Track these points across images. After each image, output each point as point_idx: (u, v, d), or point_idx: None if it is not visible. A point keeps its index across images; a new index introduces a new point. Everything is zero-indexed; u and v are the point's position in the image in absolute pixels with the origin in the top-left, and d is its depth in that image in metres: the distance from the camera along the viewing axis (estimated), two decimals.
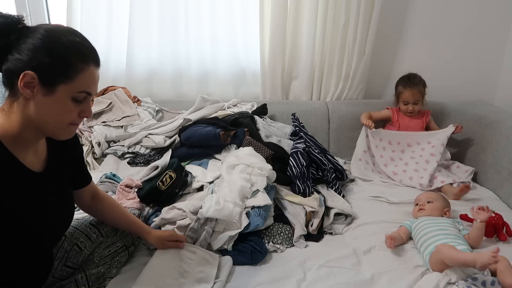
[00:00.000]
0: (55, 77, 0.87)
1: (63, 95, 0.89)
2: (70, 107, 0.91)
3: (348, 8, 2.24)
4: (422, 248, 1.41)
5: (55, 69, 0.87)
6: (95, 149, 1.99)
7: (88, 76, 0.91)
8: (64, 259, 1.18)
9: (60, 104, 0.90)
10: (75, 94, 0.90)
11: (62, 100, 0.89)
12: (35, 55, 0.85)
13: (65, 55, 0.88)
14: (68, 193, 1.12)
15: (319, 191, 1.77)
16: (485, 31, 2.44)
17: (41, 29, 0.88)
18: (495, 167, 1.97)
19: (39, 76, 0.86)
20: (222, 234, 1.42)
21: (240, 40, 2.40)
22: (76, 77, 0.89)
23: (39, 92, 0.87)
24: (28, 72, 0.85)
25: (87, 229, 1.25)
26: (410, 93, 2.15)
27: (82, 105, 0.94)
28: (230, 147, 1.92)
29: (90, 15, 2.30)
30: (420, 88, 2.16)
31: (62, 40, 0.88)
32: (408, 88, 2.15)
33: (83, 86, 0.91)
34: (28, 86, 0.86)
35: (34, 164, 0.97)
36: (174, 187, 1.59)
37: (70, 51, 0.89)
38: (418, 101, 2.16)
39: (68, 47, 0.89)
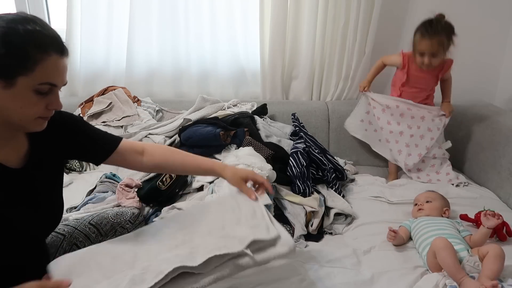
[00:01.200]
0: (13, 69, 0.82)
1: (24, 88, 0.84)
2: (33, 100, 0.86)
3: (348, 8, 2.24)
4: (420, 248, 1.41)
5: (12, 60, 0.81)
6: None
7: (49, 66, 0.85)
8: None
9: (22, 97, 0.84)
10: (36, 86, 0.85)
11: (23, 93, 0.84)
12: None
13: (22, 46, 0.82)
14: (53, 188, 1.07)
15: (319, 191, 1.77)
16: (485, 31, 2.44)
17: (2, 18, 0.83)
18: (495, 167, 1.97)
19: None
20: None
21: (240, 40, 2.40)
22: (35, 68, 0.83)
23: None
24: None
25: (86, 228, 1.25)
26: (427, 43, 1.79)
27: (49, 97, 0.88)
28: (230, 147, 1.92)
29: (90, 15, 2.30)
30: (441, 38, 1.78)
31: (19, 29, 0.82)
32: (427, 37, 1.79)
33: (45, 77, 0.85)
34: None
35: (11, 160, 0.94)
36: (174, 187, 1.60)
37: (27, 41, 0.83)
38: (436, 53, 1.81)
39: (25, 36, 0.83)
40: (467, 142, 2.23)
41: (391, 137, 2.08)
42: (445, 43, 1.82)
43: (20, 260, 0.99)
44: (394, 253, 1.45)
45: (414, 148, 2.03)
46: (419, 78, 1.98)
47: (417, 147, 2.02)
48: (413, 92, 2.04)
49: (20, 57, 0.82)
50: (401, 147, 2.05)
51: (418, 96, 2.04)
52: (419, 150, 2.03)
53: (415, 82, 2.00)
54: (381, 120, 2.10)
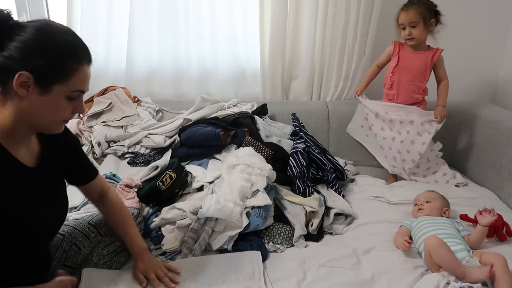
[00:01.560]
0: (51, 78, 0.88)
1: (58, 95, 0.90)
2: (64, 105, 0.92)
3: (348, 8, 2.24)
4: (420, 248, 1.42)
5: (50, 70, 0.87)
6: (95, 149, 1.99)
7: (82, 75, 0.92)
8: (63, 259, 1.18)
9: (55, 103, 0.91)
10: (69, 93, 0.92)
11: (57, 99, 0.90)
12: (29, 56, 0.85)
13: (60, 56, 0.88)
14: (61, 188, 1.12)
15: (319, 191, 1.77)
16: (485, 31, 2.44)
17: (32, 27, 0.87)
18: (495, 167, 1.97)
19: (34, 76, 0.86)
20: (222, 234, 1.43)
21: (240, 40, 2.40)
22: (71, 77, 0.90)
23: (34, 91, 0.88)
24: (23, 73, 0.85)
25: (86, 228, 1.25)
26: (404, 14, 1.87)
27: (75, 102, 0.95)
28: (230, 147, 1.92)
29: (90, 15, 2.30)
30: (420, 9, 1.84)
31: (55, 40, 0.88)
32: (404, 8, 1.88)
33: (78, 85, 0.92)
34: (23, 86, 0.86)
35: (27, 159, 0.98)
36: (174, 187, 1.59)
37: (65, 52, 0.89)
38: (415, 22, 1.86)
39: (63, 47, 0.89)
40: (467, 142, 2.23)
41: (385, 144, 2.09)
42: (424, 14, 1.86)
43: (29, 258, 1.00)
44: (394, 253, 1.45)
45: (406, 154, 2.01)
46: (410, 60, 1.96)
47: (409, 153, 2.01)
48: (405, 81, 1.97)
49: (59, 67, 0.88)
50: (395, 153, 2.05)
51: (410, 87, 1.97)
52: (411, 156, 2.01)
53: (406, 64, 1.96)
54: (374, 127, 2.11)
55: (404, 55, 1.98)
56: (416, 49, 1.96)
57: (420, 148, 1.98)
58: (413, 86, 1.98)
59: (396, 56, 1.99)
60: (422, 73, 1.96)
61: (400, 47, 2.00)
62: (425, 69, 1.95)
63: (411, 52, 1.97)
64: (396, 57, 1.99)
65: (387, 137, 2.06)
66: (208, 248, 1.43)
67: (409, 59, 1.96)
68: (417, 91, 1.99)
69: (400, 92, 2.00)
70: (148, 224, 1.49)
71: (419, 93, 1.99)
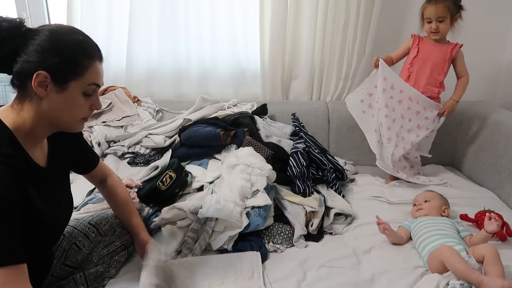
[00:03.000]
0: (66, 75, 0.93)
1: (75, 91, 0.95)
2: (81, 101, 0.97)
3: (348, 8, 2.24)
4: (420, 248, 1.42)
5: (65, 67, 0.92)
6: (95, 149, 1.99)
7: (95, 71, 0.97)
8: (63, 258, 1.18)
9: (73, 99, 0.95)
10: (85, 88, 0.96)
11: (74, 95, 0.95)
12: (45, 56, 0.90)
13: (73, 54, 0.93)
14: (67, 186, 1.15)
15: (319, 191, 1.77)
16: (485, 31, 2.44)
17: (45, 30, 0.92)
18: (495, 167, 1.97)
19: (51, 75, 0.90)
20: (222, 234, 1.43)
21: (240, 40, 2.40)
22: (84, 73, 0.95)
23: (52, 90, 0.92)
24: (40, 72, 0.89)
25: (86, 228, 1.25)
26: (433, 8, 1.86)
27: (92, 99, 0.99)
28: (230, 147, 1.92)
29: (90, 15, 2.30)
30: (449, 3, 1.84)
31: (67, 39, 0.93)
32: (433, 2, 1.86)
33: (92, 79, 0.97)
34: (41, 85, 0.91)
35: (40, 160, 1.00)
36: (174, 187, 1.59)
37: (77, 50, 0.94)
38: (443, 17, 1.86)
39: (75, 46, 0.94)
40: (467, 142, 2.23)
41: (385, 121, 1.98)
42: (452, 9, 1.86)
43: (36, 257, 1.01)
44: (394, 253, 1.45)
45: (401, 140, 1.99)
46: (430, 51, 1.96)
47: (403, 140, 1.99)
48: (423, 72, 1.97)
49: (73, 64, 0.93)
50: (392, 134, 1.99)
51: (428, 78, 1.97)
52: (404, 144, 1.99)
53: (426, 55, 1.96)
54: (380, 101, 2.00)
55: (424, 46, 1.98)
56: (436, 41, 1.97)
57: (414, 138, 1.98)
58: (431, 78, 1.97)
59: (416, 47, 1.99)
60: (441, 65, 1.96)
61: (420, 40, 2.00)
62: (444, 61, 1.95)
63: (431, 44, 1.97)
64: (416, 48, 1.99)
65: (389, 115, 1.98)
66: (208, 248, 1.43)
67: (429, 50, 1.96)
68: (434, 83, 1.98)
69: (417, 83, 1.99)
70: (148, 224, 1.49)
71: (436, 86, 1.99)
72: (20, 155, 0.92)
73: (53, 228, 1.04)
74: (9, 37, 0.88)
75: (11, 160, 0.87)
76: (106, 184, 1.32)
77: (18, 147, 0.92)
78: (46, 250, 1.09)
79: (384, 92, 1.97)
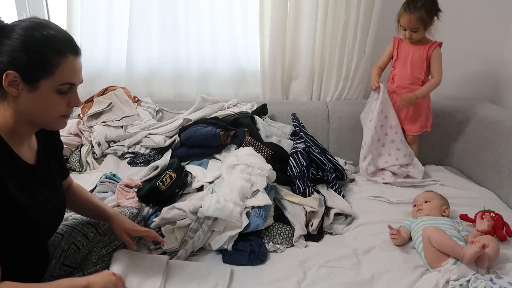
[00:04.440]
0: (36, 73, 0.90)
1: (47, 90, 0.92)
2: (56, 100, 0.94)
3: (348, 8, 2.24)
4: (419, 248, 1.42)
5: (34, 66, 0.89)
6: (95, 149, 1.99)
7: (67, 67, 0.93)
8: (62, 258, 1.18)
9: (46, 98, 0.93)
10: (58, 87, 0.93)
11: (47, 94, 0.92)
12: (14, 55, 0.88)
13: (41, 51, 0.90)
14: (58, 184, 1.14)
15: (319, 191, 1.77)
16: (485, 31, 2.44)
17: (18, 27, 0.90)
18: (495, 167, 1.97)
19: (20, 74, 0.89)
20: (222, 234, 1.43)
21: (240, 40, 2.40)
22: (55, 71, 0.91)
23: (23, 89, 0.90)
24: (10, 72, 0.88)
25: (85, 228, 1.25)
26: (407, 19, 1.90)
27: (69, 96, 0.96)
28: (230, 147, 1.92)
29: (90, 15, 2.30)
30: (421, 15, 1.87)
31: (36, 36, 0.90)
32: (407, 12, 1.90)
33: (65, 78, 0.93)
34: (12, 85, 0.89)
35: (28, 157, 1.00)
36: (174, 187, 1.59)
37: (45, 47, 0.90)
38: (416, 28, 1.91)
39: (43, 42, 0.90)
40: (467, 142, 2.23)
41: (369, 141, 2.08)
42: (425, 19, 1.90)
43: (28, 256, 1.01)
44: (394, 253, 1.45)
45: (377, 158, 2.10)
46: (408, 52, 2.02)
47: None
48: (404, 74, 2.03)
49: (41, 62, 0.90)
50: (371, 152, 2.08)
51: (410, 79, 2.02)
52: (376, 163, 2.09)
53: (405, 57, 2.02)
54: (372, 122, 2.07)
55: (402, 48, 2.05)
56: (414, 42, 2.02)
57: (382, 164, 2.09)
58: (413, 78, 2.02)
59: (396, 51, 2.06)
60: (419, 65, 2.00)
61: (400, 42, 2.07)
62: (422, 60, 1.99)
63: (410, 45, 2.03)
64: (395, 52, 2.06)
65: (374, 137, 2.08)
66: (208, 248, 1.44)
67: (407, 51, 2.02)
68: (416, 82, 2.03)
69: (401, 84, 2.05)
70: (148, 224, 1.49)
71: (419, 85, 2.02)
72: (3, 152, 0.92)
73: (42, 224, 1.02)
74: None
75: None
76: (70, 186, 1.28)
77: (3, 144, 0.92)
78: (39, 247, 1.08)
79: (378, 115, 2.05)
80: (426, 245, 1.36)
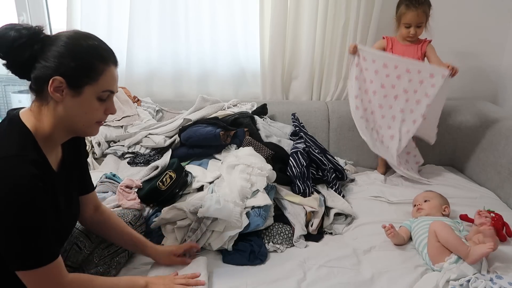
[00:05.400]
0: (81, 79, 0.93)
1: (90, 96, 0.95)
2: (96, 106, 0.97)
3: (348, 8, 2.24)
4: (420, 248, 1.42)
5: (80, 72, 0.93)
6: (95, 149, 1.99)
7: (109, 75, 0.97)
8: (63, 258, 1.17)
9: (88, 104, 0.96)
10: (100, 94, 0.97)
11: (89, 100, 0.96)
12: (61, 61, 0.91)
13: (88, 59, 0.94)
14: (76, 194, 1.15)
15: (319, 191, 1.78)
16: (485, 31, 2.44)
17: (63, 36, 0.93)
18: (495, 167, 1.97)
19: (66, 80, 0.91)
20: (222, 234, 1.43)
21: (240, 40, 2.40)
22: (99, 78, 0.95)
23: (67, 95, 0.93)
24: (56, 78, 0.90)
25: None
26: (414, 14, 1.90)
27: (106, 103, 1.00)
28: (230, 147, 1.92)
29: (90, 15, 2.30)
30: (425, 8, 1.91)
31: (83, 44, 0.94)
32: (412, 8, 1.90)
33: (106, 86, 0.97)
34: (57, 90, 0.92)
35: (54, 164, 1.01)
36: (174, 187, 1.59)
37: (92, 55, 0.95)
38: (421, 23, 1.93)
39: (90, 50, 0.95)
40: (467, 142, 2.23)
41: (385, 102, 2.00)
42: (427, 12, 1.93)
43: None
44: (394, 253, 1.45)
45: (409, 114, 1.98)
46: (404, 52, 2.01)
47: (412, 113, 1.98)
48: None
49: (87, 69, 0.94)
50: (394, 131, 2.00)
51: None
52: (414, 117, 1.97)
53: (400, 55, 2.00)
54: (374, 83, 2.00)
55: (397, 48, 2.05)
56: (408, 41, 2.03)
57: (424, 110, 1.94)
58: None
59: (390, 51, 2.05)
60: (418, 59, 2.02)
61: (393, 42, 2.06)
62: (418, 58, 2.01)
63: (403, 44, 2.04)
64: (390, 51, 2.05)
65: (388, 94, 1.99)
66: (208, 248, 1.44)
67: (402, 51, 2.02)
68: None
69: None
70: (148, 224, 1.49)
71: None
72: (41, 159, 0.94)
73: (58, 232, 1.03)
74: (29, 43, 0.90)
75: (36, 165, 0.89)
76: (101, 209, 1.27)
77: (39, 151, 0.94)
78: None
79: (377, 74, 1.98)
80: (431, 239, 1.36)
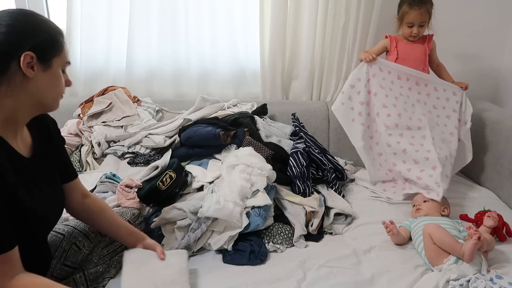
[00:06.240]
0: (49, 53, 0.96)
1: (57, 67, 0.98)
2: (60, 77, 1.00)
3: (348, 8, 2.24)
4: (420, 248, 1.42)
5: (48, 46, 0.95)
6: (95, 149, 1.99)
7: (66, 47, 1.02)
8: (63, 258, 1.18)
9: (56, 76, 0.98)
10: (63, 64, 1.00)
11: (57, 72, 0.98)
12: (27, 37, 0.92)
13: (51, 33, 0.97)
14: (57, 179, 1.12)
15: (319, 191, 1.78)
16: (485, 31, 2.44)
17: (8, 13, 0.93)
18: (495, 167, 1.97)
19: (36, 54, 0.92)
20: (222, 234, 1.43)
21: (240, 40, 2.40)
22: (62, 50, 0.99)
23: (39, 69, 0.94)
24: (28, 53, 0.91)
25: (86, 228, 1.25)
26: (417, 13, 1.89)
27: (64, 75, 1.03)
28: (230, 147, 1.92)
29: (90, 15, 2.29)
30: (428, 7, 1.90)
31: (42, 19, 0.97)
32: (415, 7, 1.88)
33: (66, 57, 1.01)
34: (29, 66, 0.92)
35: (23, 150, 1.00)
36: (174, 187, 1.59)
37: (53, 29, 0.98)
38: (424, 22, 1.92)
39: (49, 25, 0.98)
40: None
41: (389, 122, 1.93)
42: (430, 11, 1.92)
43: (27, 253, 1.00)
44: (394, 253, 1.45)
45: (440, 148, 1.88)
46: (409, 50, 2.01)
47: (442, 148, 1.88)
48: None
49: (53, 42, 0.97)
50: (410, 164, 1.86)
51: None
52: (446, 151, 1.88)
53: (406, 55, 2.01)
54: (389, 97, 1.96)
55: (401, 47, 2.03)
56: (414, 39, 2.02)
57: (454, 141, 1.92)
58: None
59: (395, 50, 2.03)
60: (423, 61, 2.02)
61: (397, 41, 2.05)
62: (425, 55, 2.01)
63: (407, 43, 2.03)
64: (395, 51, 2.04)
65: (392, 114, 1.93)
66: (208, 248, 1.44)
67: (408, 50, 2.01)
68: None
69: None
70: (148, 224, 1.49)
71: None
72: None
73: (40, 218, 1.01)
74: None
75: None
76: (90, 198, 1.25)
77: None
78: (39, 243, 1.07)
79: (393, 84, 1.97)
80: (427, 242, 1.36)
